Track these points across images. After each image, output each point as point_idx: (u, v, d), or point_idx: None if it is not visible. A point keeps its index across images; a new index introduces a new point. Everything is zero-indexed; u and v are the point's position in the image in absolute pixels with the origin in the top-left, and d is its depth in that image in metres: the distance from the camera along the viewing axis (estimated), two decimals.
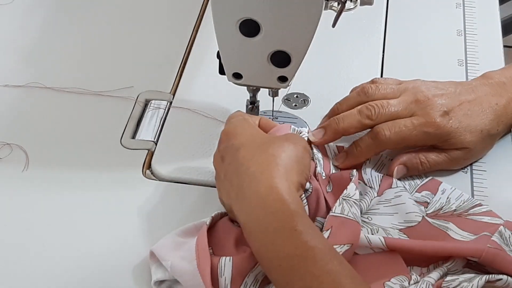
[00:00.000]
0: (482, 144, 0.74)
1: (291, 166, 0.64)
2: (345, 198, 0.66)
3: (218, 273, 0.62)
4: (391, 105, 0.73)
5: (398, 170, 0.73)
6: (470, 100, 0.74)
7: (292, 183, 0.63)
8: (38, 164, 0.77)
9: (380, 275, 0.63)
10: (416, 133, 0.72)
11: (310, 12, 0.66)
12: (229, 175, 0.65)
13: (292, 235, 0.59)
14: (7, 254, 0.69)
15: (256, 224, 0.61)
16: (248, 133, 0.68)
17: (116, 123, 0.82)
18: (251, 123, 0.71)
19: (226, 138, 0.69)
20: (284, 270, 0.58)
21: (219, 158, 0.69)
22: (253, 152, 0.65)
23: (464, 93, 0.74)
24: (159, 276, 0.65)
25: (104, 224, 0.71)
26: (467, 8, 0.97)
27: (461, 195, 0.71)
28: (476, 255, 0.63)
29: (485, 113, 0.73)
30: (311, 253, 0.58)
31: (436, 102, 0.72)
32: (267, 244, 0.60)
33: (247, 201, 0.62)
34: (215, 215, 0.68)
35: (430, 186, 0.73)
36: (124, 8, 0.98)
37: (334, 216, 0.65)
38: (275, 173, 0.62)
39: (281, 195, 0.61)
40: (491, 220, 0.68)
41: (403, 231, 0.68)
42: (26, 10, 0.98)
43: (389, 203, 0.70)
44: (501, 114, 0.74)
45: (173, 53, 0.91)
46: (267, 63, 0.71)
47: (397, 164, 0.73)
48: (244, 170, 0.64)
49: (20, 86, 0.86)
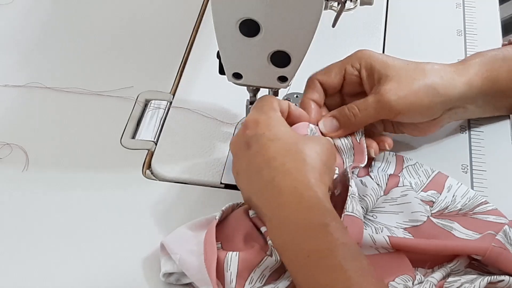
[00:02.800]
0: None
1: (324, 169, 0.66)
2: (352, 195, 0.66)
3: (224, 267, 0.63)
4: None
5: (325, 122, 0.73)
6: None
7: (325, 185, 0.65)
8: (38, 164, 0.77)
9: (385, 275, 0.64)
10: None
11: (310, 12, 0.66)
12: (257, 165, 0.66)
13: (324, 230, 0.60)
14: (7, 254, 0.69)
15: (287, 217, 0.62)
16: (281, 128, 0.68)
17: (116, 123, 0.82)
18: (281, 117, 0.70)
19: (255, 125, 0.68)
20: (311, 262, 0.59)
21: (243, 144, 0.68)
22: (288, 148, 0.65)
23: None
24: (168, 268, 0.65)
25: (104, 224, 0.71)
26: (467, 8, 0.97)
27: (467, 191, 0.72)
28: (480, 253, 0.63)
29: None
30: (342, 248, 0.58)
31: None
32: (296, 236, 0.60)
33: (279, 194, 0.63)
34: (226, 209, 0.68)
35: (437, 183, 0.73)
36: (124, 8, 0.98)
37: (348, 215, 0.65)
38: (311, 174, 0.64)
39: (317, 193, 0.62)
40: (496, 219, 0.68)
41: (408, 230, 0.68)
42: (26, 10, 0.98)
43: (395, 202, 0.70)
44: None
45: (173, 53, 0.91)
46: (267, 63, 0.70)
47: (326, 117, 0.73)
48: (279, 164, 0.64)
49: (20, 86, 0.86)
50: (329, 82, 0.74)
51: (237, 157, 0.69)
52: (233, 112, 0.82)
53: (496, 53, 0.76)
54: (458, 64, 0.76)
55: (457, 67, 0.75)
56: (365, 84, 0.74)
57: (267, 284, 0.64)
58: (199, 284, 0.64)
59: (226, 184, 0.75)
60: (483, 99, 0.76)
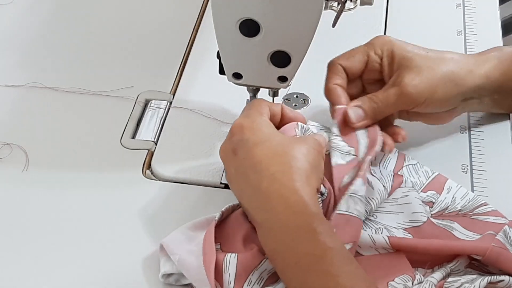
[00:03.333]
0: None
1: (311, 170, 0.64)
2: (351, 194, 0.66)
3: (223, 269, 0.63)
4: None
5: (353, 111, 0.72)
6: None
7: (312, 187, 0.64)
8: (38, 164, 0.77)
9: (384, 275, 0.64)
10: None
11: (310, 12, 0.66)
12: (244, 170, 0.65)
13: (312, 235, 0.59)
14: (7, 254, 0.69)
15: (275, 222, 0.61)
16: (265, 130, 0.67)
17: (116, 123, 0.82)
18: (267, 120, 0.69)
19: (240, 131, 0.67)
20: (301, 268, 0.58)
21: (230, 151, 0.67)
22: (273, 151, 0.65)
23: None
24: (167, 269, 0.65)
25: (104, 224, 0.71)
26: (467, 8, 0.97)
27: (466, 193, 0.72)
28: (480, 253, 0.63)
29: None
30: (330, 254, 0.58)
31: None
32: (285, 242, 0.60)
33: (266, 200, 0.62)
34: (226, 209, 0.68)
35: (436, 184, 0.73)
36: (124, 8, 0.98)
37: (340, 214, 0.65)
38: (297, 176, 0.63)
39: (303, 197, 0.61)
40: (496, 220, 0.68)
41: (408, 230, 0.68)
42: (26, 10, 0.98)
43: (396, 202, 0.70)
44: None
45: (173, 53, 0.91)
46: (267, 63, 0.70)
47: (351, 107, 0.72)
48: (264, 169, 0.63)
49: (20, 86, 0.86)
50: (351, 69, 0.74)
51: (226, 164, 0.69)
52: (233, 112, 0.82)
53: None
54: (476, 55, 0.76)
55: (476, 58, 0.75)
56: (385, 71, 0.73)
57: (265, 286, 0.63)
58: (197, 285, 0.63)
59: (226, 184, 0.75)
60: (500, 93, 0.76)
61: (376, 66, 0.74)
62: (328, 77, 0.74)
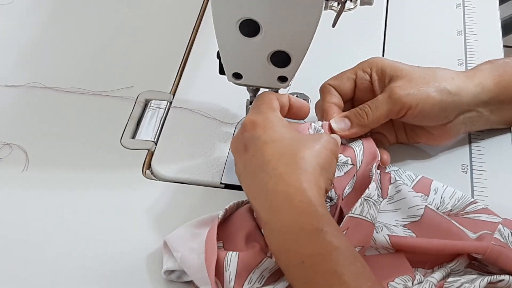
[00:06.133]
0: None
1: (320, 172, 0.64)
2: (366, 198, 0.66)
3: (224, 267, 0.63)
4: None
5: (337, 120, 0.73)
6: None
7: (320, 189, 0.64)
8: (38, 164, 0.77)
9: (384, 275, 0.64)
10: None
11: (310, 12, 0.66)
12: (252, 168, 0.65)
13: (317, 235, 0.59)
14: (7, 254, 0.69)
15: (280, 222, 0.61)
16: (277, 129, 0.67)
17: (116, 123, 0.82)
18: (279, 116, 0.69)
19: (252, 127, 0.67)
20: (306, 267, 0.58)
21: (241, 146, 0.68)
22: (282, 151, 0.65)
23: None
24: (169, 265, 0.65)
25: (104, 224, 0.71)
26: (467, 8, 0.97)
27: (454, 192, 0.71)
28: (481, 252, 0.63)
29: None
30: (336, 253, 0.58)
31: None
32: (291, 241, 0.60)
33: (272, 199, 0.62)
34: (230, 207, 0.68)
35: (422, 186, 0.72)
36: (124, 8, 0.98)
37: (352, 217, 0.65)
38: (304, 177, 0.63)
39: (309, 198, 0.61)
40: (488, 218, 0.68)
41: (407, 227, 0.68)
42: (26, 10, 0.98)
43: (392, 200, 0.70)
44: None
45: (173, 53, 0.91)
46: (267, 63, 0.71)
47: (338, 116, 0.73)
48: (271, 169, 0.64)
49: (20, 86, 0.86)
50: (341, 87, 0.75)
51: (237, 159, 0.69)
52: (233, 112, 0.82)
53: (507, 60, 0.76)
54: (467, 70, 0.76)
55: (467, 72, 0.75)
56: (376, 88, 0.74)
57: (266, 285, 0.64)
58: (198, 283, 0.64)
59: (226, 184, 0.75)
60: (496, 104, 0.75)
61: (365, 84, 0.74)
62: (323, 98, 0.75)
